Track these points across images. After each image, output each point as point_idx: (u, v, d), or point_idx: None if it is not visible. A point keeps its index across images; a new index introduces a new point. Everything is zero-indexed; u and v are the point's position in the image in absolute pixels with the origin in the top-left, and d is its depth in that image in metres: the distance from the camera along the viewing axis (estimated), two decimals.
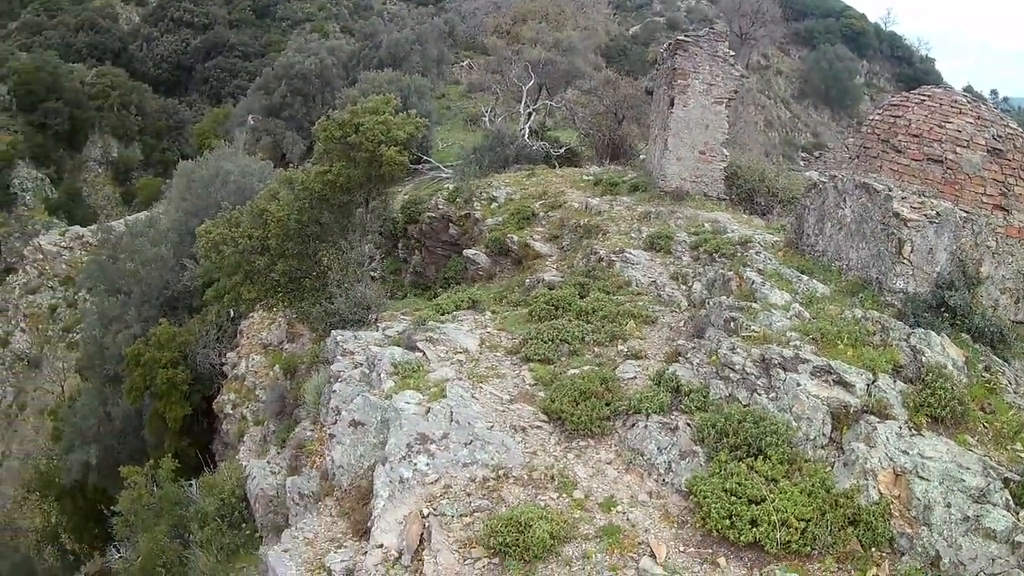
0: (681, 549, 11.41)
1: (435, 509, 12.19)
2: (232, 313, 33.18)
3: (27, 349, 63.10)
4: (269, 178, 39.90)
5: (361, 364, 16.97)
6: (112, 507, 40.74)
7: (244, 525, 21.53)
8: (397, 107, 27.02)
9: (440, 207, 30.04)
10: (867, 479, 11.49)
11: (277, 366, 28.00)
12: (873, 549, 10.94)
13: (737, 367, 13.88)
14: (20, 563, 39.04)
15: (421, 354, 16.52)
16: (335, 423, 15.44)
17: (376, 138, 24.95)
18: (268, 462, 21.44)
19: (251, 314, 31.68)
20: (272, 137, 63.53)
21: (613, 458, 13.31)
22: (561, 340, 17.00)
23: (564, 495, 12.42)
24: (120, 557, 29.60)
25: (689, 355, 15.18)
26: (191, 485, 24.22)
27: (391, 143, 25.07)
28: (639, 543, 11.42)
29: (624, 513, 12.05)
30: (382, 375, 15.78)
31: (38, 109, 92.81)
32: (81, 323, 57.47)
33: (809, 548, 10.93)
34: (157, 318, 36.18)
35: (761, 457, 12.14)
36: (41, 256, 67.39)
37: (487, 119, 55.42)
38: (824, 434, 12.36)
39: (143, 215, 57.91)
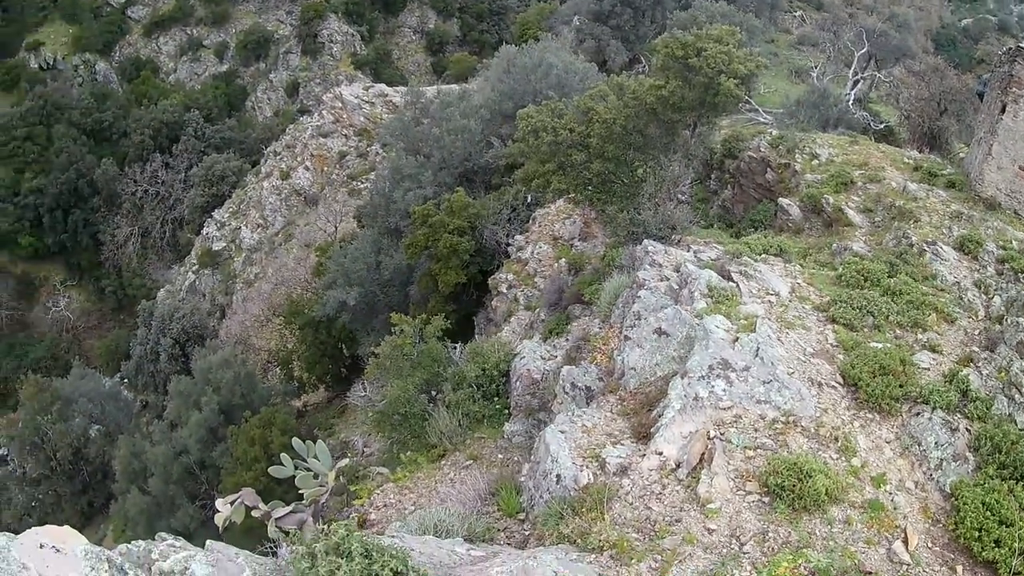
0: (928, 545, 11.78)
1: (722, 434, 12.70)
2: (529, 199, 34.31)
3: (307, 186, 67.17)
4: (591, 80, 40.65)
5: (669, 278, 17.46)
6: (352, 350, 43.68)
7: (496, 399, 22.68)
8: (741, 41, 27.08)
9: (762, 150, 30.00)
10: None
11: (563, 260, 28.82)
12: None
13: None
14: (244, 376, 41.97)
15: (734, 285, 16.86)
16: (633, 327, 16.04)
17: (717, 67, 25.13)
18: (539, 344, 22.37)
19: (549, 204, 32.67)
20: (596, 42, 64.42)
21: (892, 439, 13.57)
22: (867, 311, 17.13)
23: (843, 459, 12.78)
24: (364, 396, 31.60)
25: (980, 364, 15.24)
26: (455, 348, 25.51)
27: (731, 75, 25.22)
28: (896, 526, 11.78)
29: (891, 494, 12.39)
30: (695, 294, 16.28)
31: None
32: (369, 173, 60.68)
33: None
34: (452, 186, 37.77)
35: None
36: (340, 105, 70.96)
37: (814, 76, 54.64)
38: None
39: (455, 87, 60.08)
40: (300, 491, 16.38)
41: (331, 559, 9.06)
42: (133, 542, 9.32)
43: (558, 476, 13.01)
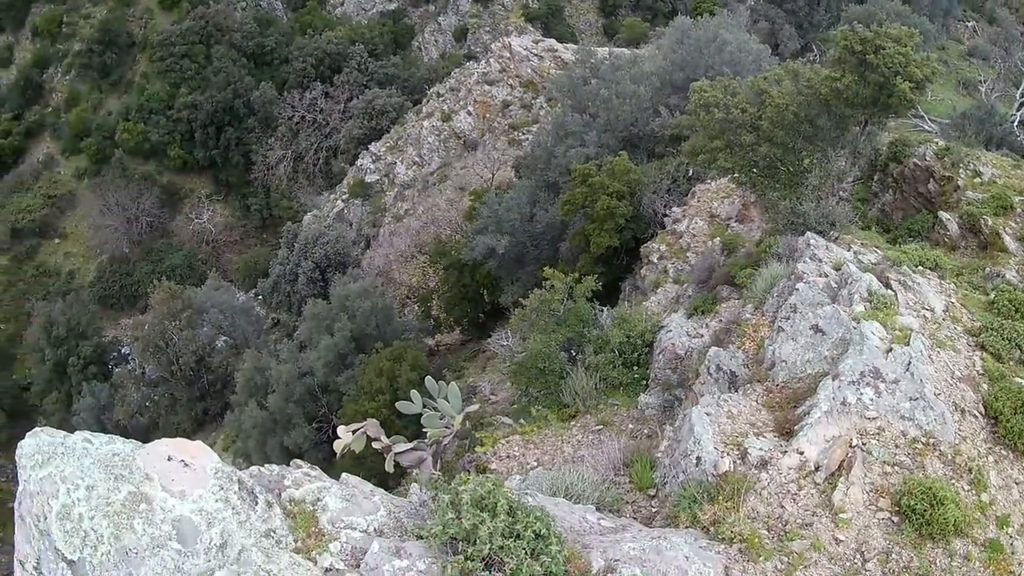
0: None
1: (863, 444, 12.98)
2: (691, 172, 35.23)
3: (468, 131, 68.93)
4: (764, 62, 41.18)
5: (828, 275, 17.82)
6: (494, 297, 45.10)
7: (636, 368, 23.52)
8: (919, 45, 27.26)
9: (927, 159, 30.16)
10: None
11: (718, 238, 29.57)
12: None
13: None
14: (381, 308, 43.60)
15: (892, 293, 17.04)
16: (788, 319, 16.43)
17: (894, 67, 25.32)
18: (686, 320, 23.30)
19: (710, 181, 33.47)
20: (770, 25, 64.56)
21: (1022, 480, 13.55)
22: (1016, 344, 16.84)
23: (973, 492, 12.86)
24: (505, 345, 32.93)
25: None
26: (602, 311, 26.67)
27: (907, 77, 25.45)
28: (1011, 571, 11.92)
29: (1012, 537, 12.42)
30: (855, 296, 16.48)
31: None
32: (531, 126, 62.11)
33: None
34: (615, 149, 38.78)
35: None
36: (508, 55, 72.34)
37: (982, 91, 53.96)
38: None
39: (626, 51, 60.89)
40: (424, 429, 16.66)
41: (475, 512, 9.07)
42: (266, 465, 9.61)
43: (698, 459, 13.26)
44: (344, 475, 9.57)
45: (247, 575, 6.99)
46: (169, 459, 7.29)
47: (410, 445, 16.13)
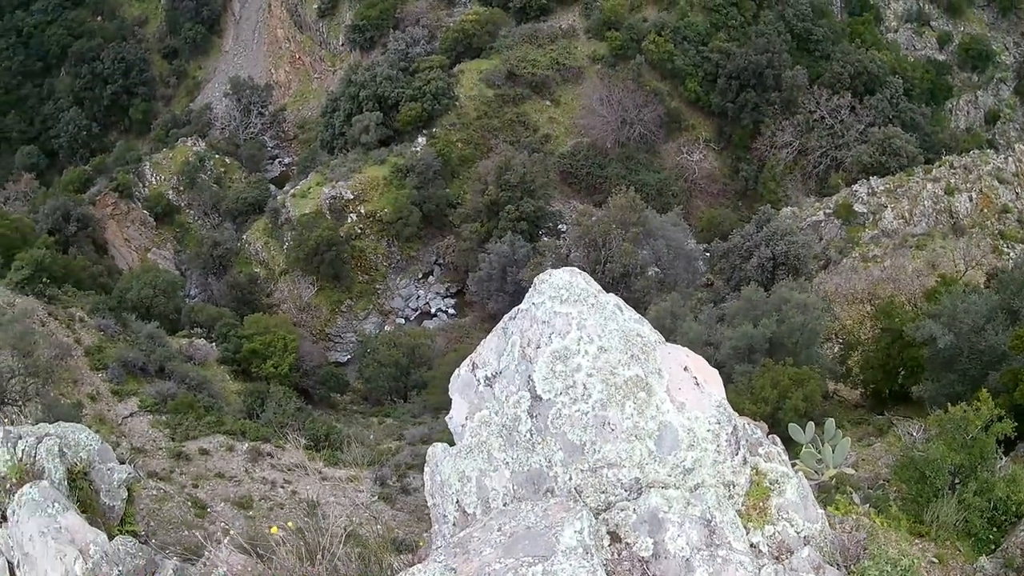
0: None
1: None
2: None
3: (962, 215, 70.55)
4: None
5: None
6: (908, 382, 43.90)
7: (995, 530, 20.89)
8: None
9: None
10: None
11: None
12: None
13: None
14: (809, 327, 45.71)
15: None
16: None
17: None
18: None
19: None
20: None
21: None
22: None
23: None
24: (911, 435, 32.99)
25: None
26: (1002, 458, 23.81)
27: None
28: None
29: None
30: None
31: None
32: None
33: None
34: None
35: None
36: None
37: None
38: None
39: None
40: (793, 462, 15.75)
41: None
42: (749, 424, 9.28)
43: None
44: (801, 475, 9.55)
45: (695, 508, 7.06)
46: (685, 369, 7.39)
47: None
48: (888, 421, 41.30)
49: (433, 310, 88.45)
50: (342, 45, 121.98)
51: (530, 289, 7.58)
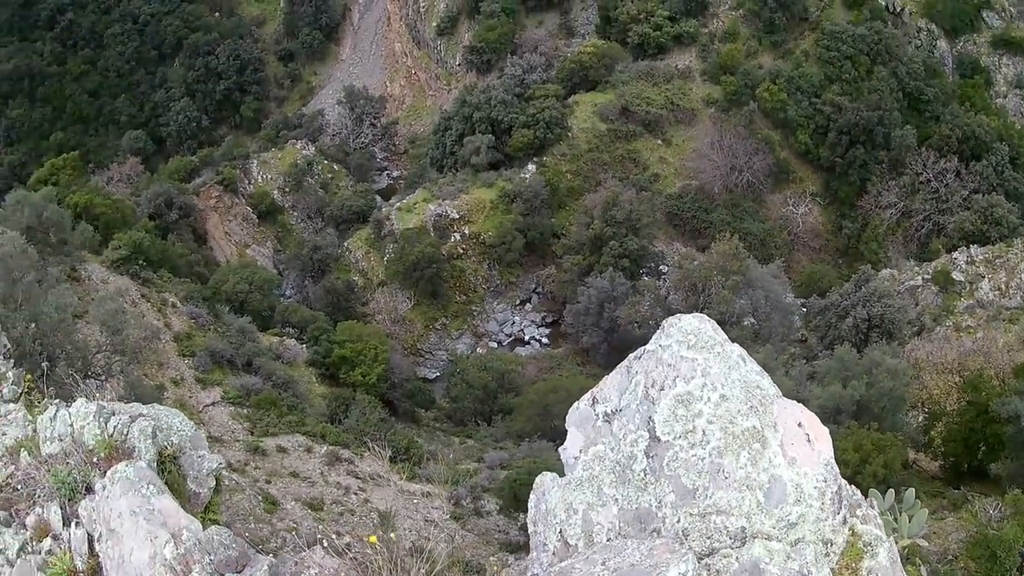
0: None
1: None
2: None
3: None
4: None
5: None
6: (987, 458, 45.56)
7: None
8: None
9: None
10: None
11: None
12: None
13: None
14: (898, 393, 47.26)
15: None
16: None
17: None
18: None
19: None
20: None
21: None
22: None
23: None
24: (990, 512, 34.39)
25: None
26: None
27: None
28: None
29: None
30: None
31: None
32: None
33: None
34: None
35: None
36: None
37: None
38: None
39: None
40: None
41: None
42: (853, 488, 9.16)
43: None
44: (893, 540, 9.18)
45: (794, 562, 7.05)
46: (799, 425, 7.50)
47: None
48: (963, 496, 42.09)
49: (527, 337, 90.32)
50: (458, 65, 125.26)
51: (657, 331, 7.74)
